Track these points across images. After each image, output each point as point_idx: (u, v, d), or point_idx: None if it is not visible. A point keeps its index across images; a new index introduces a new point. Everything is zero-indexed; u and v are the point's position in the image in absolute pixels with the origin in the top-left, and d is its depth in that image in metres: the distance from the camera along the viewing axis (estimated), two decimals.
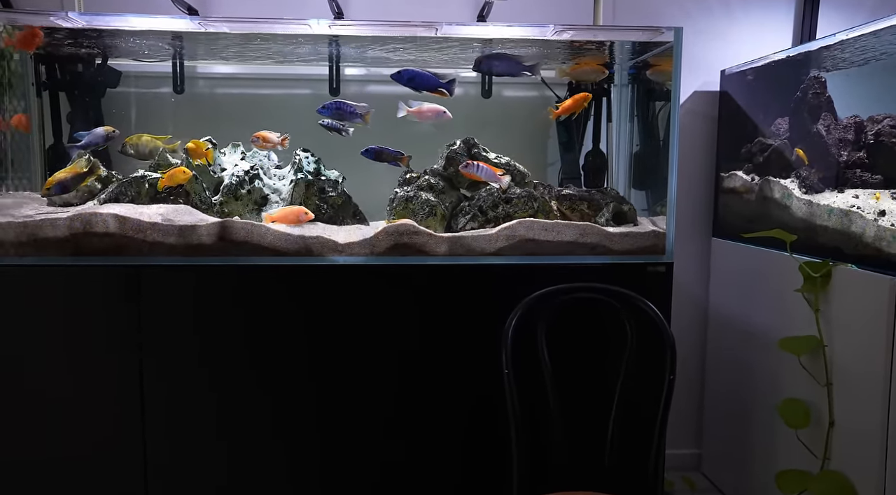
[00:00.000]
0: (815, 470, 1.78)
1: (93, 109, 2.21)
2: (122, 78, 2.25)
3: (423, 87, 1.95)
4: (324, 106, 1.96)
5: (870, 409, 1.63)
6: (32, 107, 2.20)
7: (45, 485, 1.81)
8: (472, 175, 1.99)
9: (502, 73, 2.14)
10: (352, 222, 2.10)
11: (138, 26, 1.88)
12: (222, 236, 1.82)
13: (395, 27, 1.93)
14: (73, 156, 2.00)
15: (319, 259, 1.85)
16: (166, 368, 1.79)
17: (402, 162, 2.03)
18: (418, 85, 1.94)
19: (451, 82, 1.94)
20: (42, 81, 2.18)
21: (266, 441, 1.84)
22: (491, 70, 2.10)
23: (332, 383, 1.83)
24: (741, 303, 2.30)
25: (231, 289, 1.79)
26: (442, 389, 1.85)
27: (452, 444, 1.87)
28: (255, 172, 2.06)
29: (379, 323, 1.83)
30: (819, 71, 2.00)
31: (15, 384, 1.77)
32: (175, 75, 2.22)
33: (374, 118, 1.99)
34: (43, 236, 1.78)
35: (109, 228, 1.78)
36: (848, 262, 1.74)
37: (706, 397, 2.55)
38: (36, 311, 1.76)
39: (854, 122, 1.88)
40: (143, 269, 1.77)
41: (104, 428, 1.80)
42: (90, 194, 2.02)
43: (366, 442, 1.85)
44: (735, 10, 2.47)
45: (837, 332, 1.75)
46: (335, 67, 2.24)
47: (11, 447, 1.79)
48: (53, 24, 1.85)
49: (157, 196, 1.96)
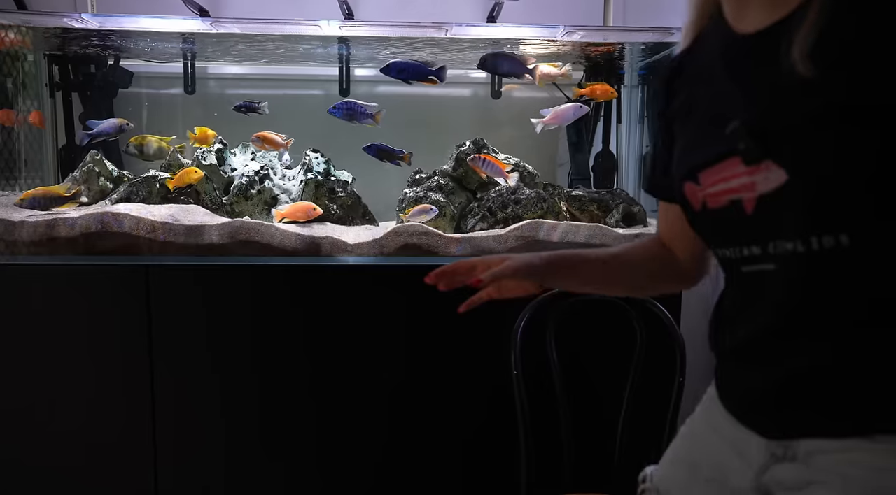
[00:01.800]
0: None
1: (105, 109, 2.23)
2: (134, 78, 2.26)
3: (413, 78, 1.95)
4: (335, 106, 1.97)
5: None
6: (46, 107, 2.22)
7: (55, 483, 1.82)
8: (478, 168, 1.99)
9: (507, 74, 2.15)
10: (361, 222, 2.10)
11: (150, 28, 1.90)
12: (232, 236, 1.83)
13: (405, 28, 1.93)
14: (84, 142, 2.01)
15: (329, 259, 1.85)
16: (176, 368, 1.80)
17: (404, 160, 2.03)
18: (409, 76, 1.95)
19: (440, 69, 1.95)
20: (55, 82, 2.20)
21: (274, 440, 1.84)
22: (496, 69, 2.09)
23: (340, 382, 1.83)
24: None
25: (240, 288, 1.80)
26: (450, 389, 1.85)
27: (459, 445, 1.87)
28: (266, 173, 2.07)
29: (388, 323, 1.83)
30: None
31: (25, 382, 1.79)
32: (186, 76, 2.24)
33: (383, 118, 1.99)
34: (55, 235, 1.79)
35: (121, 228, 1.79)
36: None
37: None
38: (46, 310, 1.77)
39: None
40: (154, 269, 1.78)
41: (114, 427, 1.81)
42: (102, 194, 2.03)
43: (372, 441, 1.86)
44: None
45: None
46: (345, 68, 2.25)
47: (22, 445, 1.81)
48: (67, 25, 1.87)
49: (169, 196, 1.97)
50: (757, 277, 0.79)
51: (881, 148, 0.68)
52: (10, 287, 1.76)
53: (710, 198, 0.80)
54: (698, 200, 0.83)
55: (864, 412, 0.71)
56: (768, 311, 0.78)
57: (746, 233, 0.78)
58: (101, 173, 2.03)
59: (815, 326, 0.74)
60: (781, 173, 0.71)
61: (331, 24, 1.87)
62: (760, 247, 0.77)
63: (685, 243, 1.00)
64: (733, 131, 0.75)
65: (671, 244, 1.02)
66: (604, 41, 2.03)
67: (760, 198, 0.74)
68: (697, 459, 0.93)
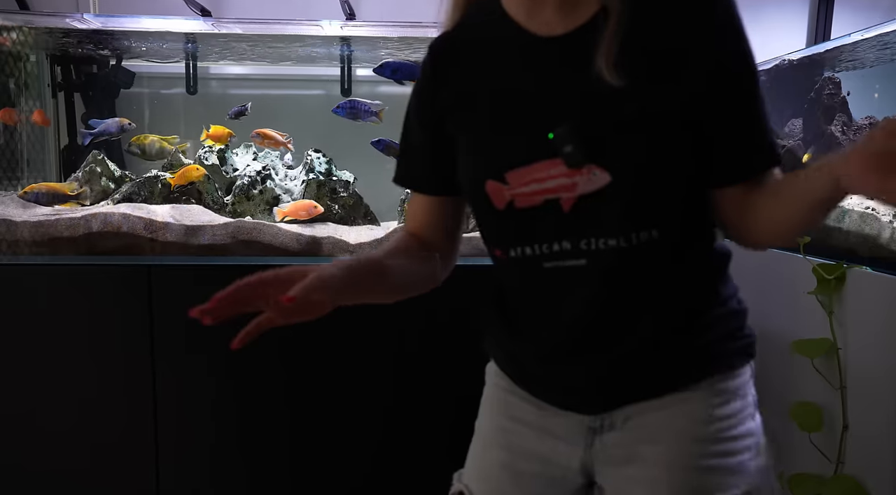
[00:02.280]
0: (829, 474, 1.76)
1: (107, 110, 2.23)
2: (136, 79, 2.27)
3: (407, 77, 1.95)
4: (338, 106, 1.98)
5: (884, 413, 1.61)
6: (48, 107, 2.22)
7: (56, 483, 1.82)
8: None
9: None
10: (363, 223, 2.10)
11: (152, 28, 1.90)
12: (234, 236, 1.83)
13: (406, 28, 1.93)
14: (86, 141, 2.02)
15: (331, 259, 1.85)
16: (178, 368, 1.80)
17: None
18: (403, 75, 1.95)
19: None
20: (57, 82, 2.21)
21: (279, 439, 1.84)
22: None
23: (343, 381, 1.83)
24: (753, 306, 2.27)
25: None
26: (450, 390, 1.85)
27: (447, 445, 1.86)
28: (267, 173, 2.07)
29: (390, 323, 1.83)
30: (833, 71, 1.98)
31: (26, 382, 1.79)
32: (188, 76, 2.24)
33: (386, 118, 2.00)
34: (57, 235, 1.79)
35: (122, 228, 1.80)
36: (862, 265, 1.72)
37: None
38: (48, 310, 1.77)
39: (869, 123, 1.86)
40: (156, 269, 1.78)
41: (116, 426, 1.81)
42: (104, 194, 2.03)
43: (375, 438, 1.86)
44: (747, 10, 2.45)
45: (851, 335, 1.73)
46: (347, 68, 2.25)
47: (23, 445, 1.81)
48: (69, 25, 1.87)
49: (170, 196, 1.97)
50: (561, 273, 0.82)
51: (690, 148, 0.77)
52: (12, 287, 1.76)
53: (521, 197, 0.81)
54: (503, 199, 0.82)
55: (675, 374, 0.83)
56: (577, 305, 0.82)
57: (558, 230, 0.81)
58: (102, 173, 2.03)
59: (625, 314, 0.82)
60: (605, 175, 0.76)
61: (332, 23, 1.87)
62: (571, 243, 0.80)
63: (438, 235, 0.97)
64: (558, 136, 0.76)
65: (424, 235, 0.97)
66: None
67: (580, 198, 0.78)
68: (506, 458, 0.94)
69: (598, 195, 0.77)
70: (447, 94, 0.88)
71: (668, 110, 0.75)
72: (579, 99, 0.77)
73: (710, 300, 0.87)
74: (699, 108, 0.76)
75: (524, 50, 0.82)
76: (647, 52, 0.75)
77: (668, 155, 0.76)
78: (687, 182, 0.79)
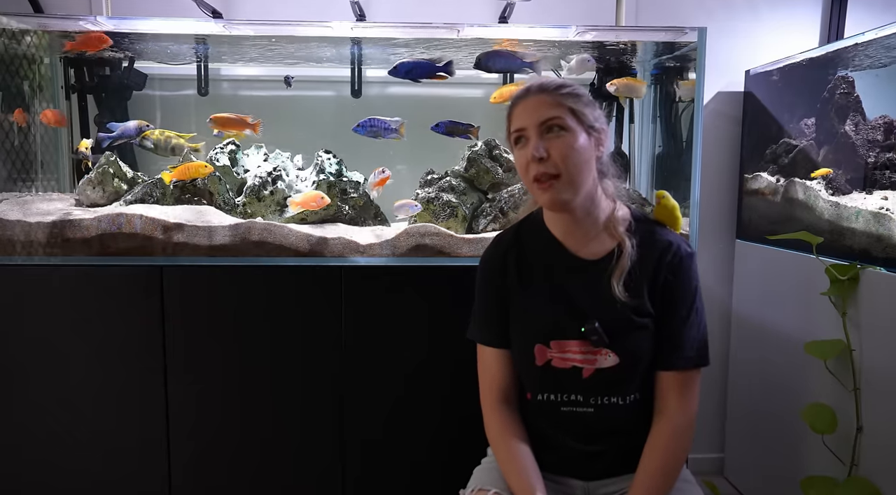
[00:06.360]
0: (842, 477, 1.74)
1: (120, 112, 2.25)
2: (148, 80, 2.28)
3: (422, 76, 1.97)
4: (359, 124, 2.00)
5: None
6: (61, 109, 2.24)
7: (68, 481, 1.84)
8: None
9: (502, 70, 2.15)
10: (373, 223, 2.11)
11: (164, 30, 1.91)
12: (245, 237, 1.84)
13: (416, 29, 1.94)
14: (105, 144, 2.03)
15: (341, 260, 1.86)
16: (191, 367, 1.81)
17: (473, 134, 2.07)
18: (417, 75, 1.97)
19: (448, 64, 1.96)
20: (70, 84, 2.23)
21: (291, 439, 1.85)
22: (490, 67, 2.09)
23: (354, 379, 1.84)
24: (765, 307, 2.27)
25: (254, 289, 1.81)
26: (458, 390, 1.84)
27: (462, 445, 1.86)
28: (278, 174, 2.08)
29: (399, 323, 1.83)
30: (847, 70, 1.96)
31: (39, 381, 1.81)
32: (199, 78, 2.25)
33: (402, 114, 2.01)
34: (70, 236, 1.81)
35: (134, 229, 1.81)
36: (876, 265, 1.71)
37: (729, 401, 2.52)
38: (61, 310, 1.79)
39: (883, 123, 1.84)
40: (168, 269, 1.79)
41: (128, 425, 1.82)
42: (116, 195, 2.05)
43: (387, 442, 1.86)
44: (760, 9, 2.44)
45: (865, 336, 1.72)
46: (357, 69, 2.26)
47: (36, 445, 1.83)
48: (82, 28, 1.89)
49: (182, 197, 1.99)
50: (574, 415, 1.27)
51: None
52: (27, 287, 1.78)
53: (557, 360, 1.25)
54: (544, 358, 1.26)
55: (632, 462, 1.25)
56: (580, 435, 1.28)
57: (576, 388, 1.25)
58: (115, 174, 2.04)
59: (610, 436, 1.27)
60: (614, 357, 1.23)
61: (343, 24, 1.87)
62: (584, 398, 1.26)
63: (508, 380, 1.35)
64: (590, 327, 1.21)
65: (505, 382, 1.33)
66: (616, 41, 2.02)
67: (596, 370, 1.24)
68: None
69: (609, 369, 1.23)
70: (510, 275, 1.31)
71: (650, 317, 1.23)
72: (603, 304, 1.22)
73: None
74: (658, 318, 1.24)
75: (570, 266, 1.27)
76: (638, 277, 1.23)
77: (650, 348, 1.24)
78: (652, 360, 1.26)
